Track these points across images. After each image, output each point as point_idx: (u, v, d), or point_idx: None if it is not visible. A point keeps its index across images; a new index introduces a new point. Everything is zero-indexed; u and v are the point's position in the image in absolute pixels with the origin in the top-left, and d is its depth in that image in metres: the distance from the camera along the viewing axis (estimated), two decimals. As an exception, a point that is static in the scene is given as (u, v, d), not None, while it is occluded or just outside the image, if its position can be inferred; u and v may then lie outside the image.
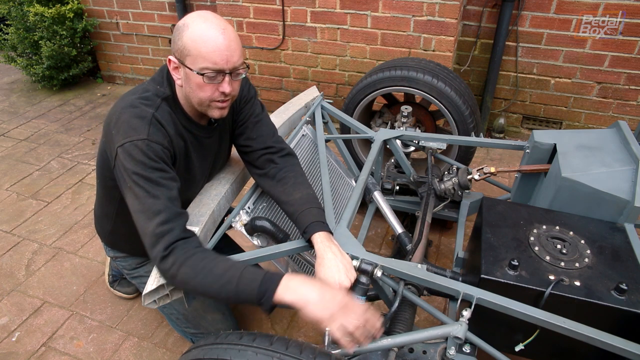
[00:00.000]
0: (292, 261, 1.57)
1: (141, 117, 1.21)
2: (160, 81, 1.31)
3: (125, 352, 1.77)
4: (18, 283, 2.08)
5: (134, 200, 1.18)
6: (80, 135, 3.32)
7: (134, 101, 1.24)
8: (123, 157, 1.17)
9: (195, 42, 1.16)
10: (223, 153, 1.57)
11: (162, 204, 1.16)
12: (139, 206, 1.17)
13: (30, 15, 3.41)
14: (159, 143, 1.20)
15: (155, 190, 1.17)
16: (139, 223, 1.18)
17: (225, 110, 1.29)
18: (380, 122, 2.49)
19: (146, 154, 1.17)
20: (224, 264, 1.13)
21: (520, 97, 3.06)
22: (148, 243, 1.16)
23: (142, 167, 1.16)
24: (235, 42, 1.19)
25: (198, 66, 1.17)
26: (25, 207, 2.57)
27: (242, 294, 1.09)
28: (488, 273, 1.22)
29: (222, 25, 1.17)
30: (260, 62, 3.31)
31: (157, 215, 1.15)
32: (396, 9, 2.74)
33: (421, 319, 1.89)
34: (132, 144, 1.17)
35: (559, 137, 1.68)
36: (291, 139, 1.86)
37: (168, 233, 1.15)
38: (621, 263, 1.26)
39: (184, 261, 1.13)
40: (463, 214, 1.97)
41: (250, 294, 1.08)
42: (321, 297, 1.06)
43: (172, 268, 1.13)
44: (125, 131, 1.19)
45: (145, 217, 1.16)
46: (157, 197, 1.17)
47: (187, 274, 1.12)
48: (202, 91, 1.22)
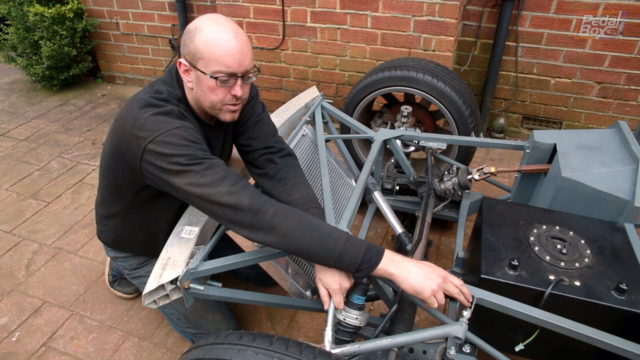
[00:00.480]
0: (292, 261, 1.57)
1: (167, 113, 1.20)
2: (171, 83, 1.31)
3: (125, 352, 1.77)
4: (18, 283, 2.08)
5: (192, 177, 1.13)
6: (80, 135, 3.32)
7: (151, 101, 1.22)
8: (160, 149, 1.14)
9: (208, 46, 1.16)
10: (226, 153, 1.57)
11: (223, 170, 1.15)
12: (201, 180, 1.13)
13: (30, 15, 3.41)
14: (193, 129, 1.21)
15: (210, 161, 1.15)
16: (205, 194, 1.12)
17: (237, 113, 1.30)
18: (380, 122, 2.49)
19: (186, 138, 1.16)
20: (329, 225, 1.14)
21: (520, 97, 3.06)
22: (232, 200, 1.11)
23: (188, 148, 1.14)
24: (247, 46, 1.20)
25: (211, 69, 1.17)
26: (25, 207, 2.57)
27: (344, 257, 1.09)
28: (488, 273, 1.22)
29: (235, 29, 1.18)
30: (260, 62, 3.31)
31: (224, 180, 1.13)
32: (396, 9, 2.74)
33: (421, 319, 1.89)
34: (167, 133, 1.14)
35: (559, 137, 1.68)
36: (291, 139, 1.86)
37: (247, 187, 1.14)
38: (621, 263, 1.26)
39: (288, 214, 1.12)
40: (463, 214, 1.97)
41: (353, 257, 1.09)
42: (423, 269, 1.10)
43: (274, 218, 1.10)
44: (152, 127, 1.16)
45: (212, 186, 1.12)
46: (215, 166, 1.15)
47: (290, 226, 1.10)
48: (214, 94, 1.22)
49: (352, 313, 1.21)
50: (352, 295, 1.22)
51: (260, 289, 1.98)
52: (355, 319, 1.21)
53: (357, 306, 1.22)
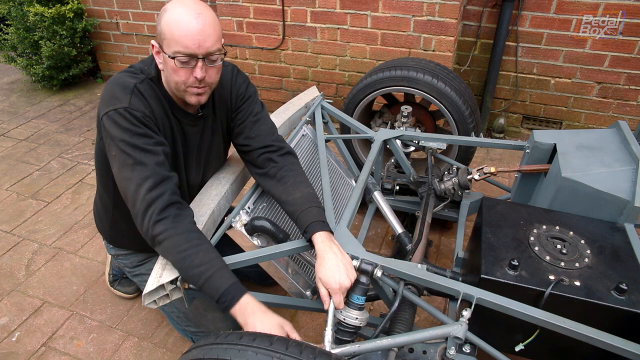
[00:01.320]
0: (292, 261, 1.57)
1: (124, 87, 1.24)
2: (149, 63, 1.34)
3: (125, 352, 1.77)
4: (18, 283, 2.08)
5: (121, 167, 1.21)
6: (80, 135, 3.32)
7: (119, 75, 1.29)
8: (108, 125, 1.21)
9: (170, 26, 1.17)
10: (216, 150, 1.55)
11: (149, 170, 1.20)
12: (127, 173, 1.20)
13: (30, 15, 3.41)
14: (140, 111, 1.23)
15: (141, 156, 1.20)
16: (127, 189, 1.21)
17: (203, 97, 1.30)
18: (380, 122, 2.49)
19: (129, 120, 1.20)
20: (203, 257, 1.18)
21: (520, 97, 3.06)
22: (139, 209, 1.19)
23: (128, 134, 1.20)
24: (211, 27, 1.19)
25: (171, 50, 1.19)
26: (25, 207, 2.57)
27: (205, 291, 1.18)
28: (488, 273, 1.22)
29: (198, 10, 1.17)
30: (260, 62, 3.31)
31: (146, 181, 1.19)
32: (396, 9, 2.74)
33: (421, 319, 1.89)
34: (115, 112, 1.20)
35: (559, 137, 1.68)
36: (291, 139, 1.86)
37: (159, 198, 1.19)
38: (621, 263, 1.26)
39: (172, 235, 1.18)
40: (463, 214, 1.97)
41: (212, 295, 1.17)
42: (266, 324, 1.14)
43: (160, 235, 1.18)
44: (108, 100, 1.23)
45: (134, 183, 1.19)
46: (144, 164, 1.20)
47: (169, 248, 1.18)
48: (176, 75, 1.23)
49: (352, 313, 1.21)
50: (352, 296, 1.22)
51: (260, 288, 1.98)
52: (355, 319, 1.21)
53: (357, 306, 1.22)
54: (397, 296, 1.23)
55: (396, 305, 1.22)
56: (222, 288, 1.16)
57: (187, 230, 1.20)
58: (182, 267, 1.19)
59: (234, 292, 1.16)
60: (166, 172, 1.24)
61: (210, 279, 1.16)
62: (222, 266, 1.19)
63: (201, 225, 1.35)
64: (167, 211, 1.19)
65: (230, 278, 1.18)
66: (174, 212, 1.20)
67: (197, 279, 1.16)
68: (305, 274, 1.61)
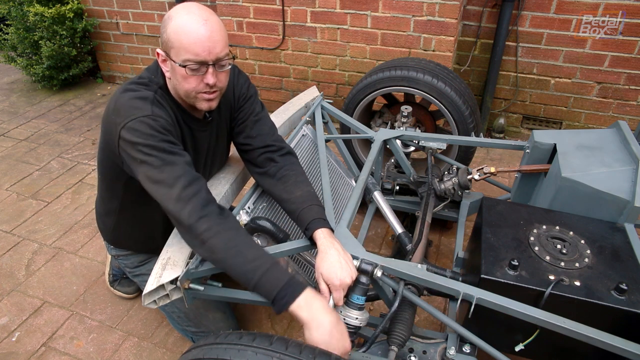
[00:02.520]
0: (292, 261, 1.57)
1: (143, 98, 1.22)
2: (154, 71, 1.32)
3: (125, 352, 1.77)
4: (18, 283, 2.08)
5: (150, 171, 1.17)
6: (80, 135, 3.32)
7: (130, 86, 1.26)
8: (129, 135, 1.17)
9: (177, 34, 1.16)
10: (220, 151, 1.56)
11: (180, 169, 1.17)
12: (157, 176, 1.16)
13: (30, 15, 3.41)
14: (164, 119, 1.21)
15: (169, 157, 1.17)
16: (159, 193, 1.17)
17: (214, 102, 1.30)
18: (380, 122, 2.49)
19: (154, 127, 1.18)
20: (256, 252, 1.14)
21: (520, 97, 3.06)
22: (176, 208, 1.15)
23: (153, 139, 1.17)
24: (219, 33, 1.19)
25: (181, 58, 1.18)
26: (25, 207, 2.57)
27: (260, 288, 1.12)
28: (488, 273, 1.22)
29: (205, 16, 1.17)
30: (260, 62, 3.31)
31: (178, 180, 1.16)
32: (396, 9, 2.74)
33: (421, 319, 1.89)
34: (137, 120, 1.17)
35: (559, 137, 1.68)
36: (291, 139, 1.86)
37: (195, 195, 1.16)
38: (621, 263, 1.26)
39: (219, 232, 1.13)
40: (463, 214, 1.97)
41: (268, 291, 1.11)
42: (332, 327, 1.08)
43: (205, 233, 1.13)
44: (127, 111, 1.19)
45: (166, 185, 1.16)
46: (173, 164, 1.17)
47: (217, 245, 1.13)
48: (187, 83, 1.22)
49: (352, 313, 1.21)
50: (352, 295, 1.22)
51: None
52: (355, 319, 1.21)
53: (357, 306, 1.22)
54: (397, 296, 1.23)
55: (396, 305, 1.22)
56: (282, 281, 1.10)
57: (235, 227, 1.17)
58: (233, 264, 1.13)
59: (294, 286, 1.11)
60: (195, 172, 1.22)
61: (267, 273, 1.11)
62: (277, 261, 1.15)
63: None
64: (209, 208, 1.16)
65: (287, 273, 1.13)
66: (216, 210, 1.17)
67: (252, 275, 1.11)
68: (305, 274, 1.61)
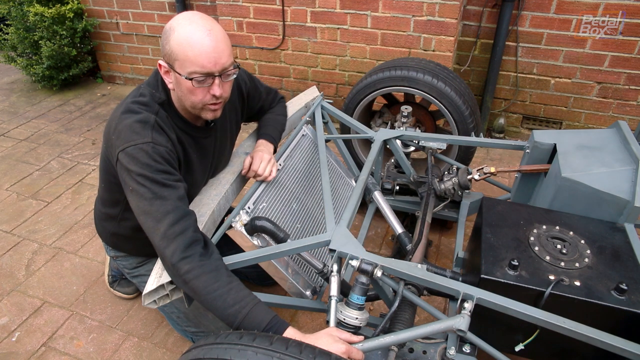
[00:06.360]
0: (292, 261, 1.57)
1: (143, 122, 1.20)
2: (155, 85, 1.30)
3: (125, 352, 1.77)
4: (18, 283, 2.08)
5: (140, 202, 1.16)
6: (80, 135, 3.32)
7: (132, 107, 1.23)
8: (126, 161, 1.16)
9: (182, 46, 1.14)
10: (225, 151, 1.58)
11: (170, 205, 1.15)
12: (146, 207, 1.15)
13: (30, 15, 3.41)
14: (163, 146, 1.20)
15: (162, 191, 1.16)
16: (146, 225, 1.16)
17: (218, 111, 1.30)
18: (380, 122, 2.49)
19: (151, 157, 1.16)
20: (236, 294, 1.11)
21: (520, 97, 3.06)
22: (161, 245, 1.13)
23: (148, 169, 1.15)
24: (223, 43, 1.18)
25: (186, 71, 1.16)
26: (25, 207, 2.57)
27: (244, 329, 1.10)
28: (488, 273, 1.22)
29: (209, 27, 1.15)
30: (260, 62, 3.31)
31: (167, 216, 1.14)
32: (396, 9, 2.74)
33: (421, 319, 1.89)
34: (135, 147, 1.16)
35: (559, 137, 1.68)
36: (291, 139, 1.86)
37: (182, 234, 1.14)
38: (621, 263, 1.26)
39: (201, 274, 1.11)
40: (463, 214, 1.97)
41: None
42: (326, 334, 1.07)
43: (187, 275, 1.11)
44: (127, 135, 1.18)
45: (154, 219, 1.14)
46: (164, 198, 1.15)
47: (198, 288, 1.11)
48: (193, 95, 1.21)
49: (352, 313, 1.21)
50: (352, 295, 1.22)
51: (260, 288, 1.98)
52: (355, 319, 1.21)
53: (357, 306, 1.22)
54: (397, 296, 1.23)
55: (396, 305, 1.22)
56: (263, 324, 1.08)
57: (215, 269, 1.14)
58: (215, 308, 1.11)
59: (277, 326, 1.09)
60: (187, 207, 1.20)
61: (248, 316, 1.09)
62: (258, 302, 1.12)
63: (201, 225, 1.35)
64: (192, 248, 1.13)
65: (269, 313, 1.10)
66: (200, 250, 1.14)
67: (234, 319, 1.09)
68: (306, 274, 1.61)
